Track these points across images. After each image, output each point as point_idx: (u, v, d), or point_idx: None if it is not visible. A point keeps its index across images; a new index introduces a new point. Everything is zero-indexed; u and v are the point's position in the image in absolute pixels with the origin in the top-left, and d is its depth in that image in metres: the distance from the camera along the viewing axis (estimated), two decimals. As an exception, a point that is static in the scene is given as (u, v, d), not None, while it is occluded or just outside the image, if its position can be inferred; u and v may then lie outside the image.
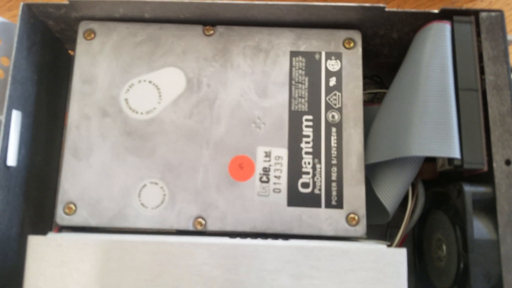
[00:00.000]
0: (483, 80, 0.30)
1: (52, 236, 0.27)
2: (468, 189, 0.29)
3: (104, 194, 0.31)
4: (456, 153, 0.29)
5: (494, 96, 0.30)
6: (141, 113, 0.32)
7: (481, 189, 0.29)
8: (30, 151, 0.34)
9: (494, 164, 0.29)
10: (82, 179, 0.31)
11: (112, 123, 0.32)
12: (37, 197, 0.36)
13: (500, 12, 0.31)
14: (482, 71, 0.31)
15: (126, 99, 0.33)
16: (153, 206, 0.31)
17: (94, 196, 0.31)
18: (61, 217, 0.30)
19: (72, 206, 0.31)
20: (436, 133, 0.29)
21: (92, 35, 0.34)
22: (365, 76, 0.40)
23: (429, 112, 0.30)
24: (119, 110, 0.32)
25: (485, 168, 0.29)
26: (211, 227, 0.31)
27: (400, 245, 0.33)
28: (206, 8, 0.33)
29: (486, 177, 0.30)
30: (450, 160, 0.30)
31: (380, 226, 0.37)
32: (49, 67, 0.37)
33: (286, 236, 0.31)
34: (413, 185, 0.33)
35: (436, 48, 0.31)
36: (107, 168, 0.31)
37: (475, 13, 0.32)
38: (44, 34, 0.36)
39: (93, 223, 0.30)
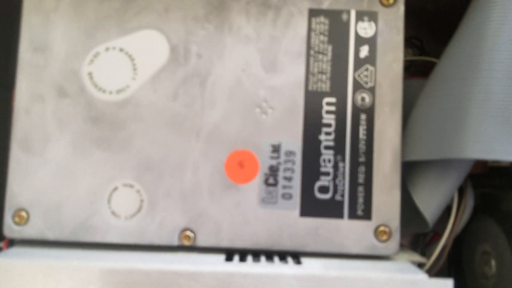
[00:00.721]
0: None
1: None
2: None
3: (64, 199, 0.24)
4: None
5: None
6: (110, 93, 0.25)
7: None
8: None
9: None
10: (35, 180, 0.24)
11: (73, 105, 0.25)
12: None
13: None
14: None
15: (89, 73, 0.25)
16: (128, 215, 0.25)
17: (51, 201, 0.24)
18: (9, 228, 0.24)
19: (23, 213, 0.24)
20: (501, 128, 0.22)
21: (44, -15, 0.26)
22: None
23: (493, 100, 0.22)
24: (81, 88, 0.25)
25: None
26: (202, 242, 0.25)
27: (441, 263, 0.27)
28: None
29: None
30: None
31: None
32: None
33: (297, 255, 0.25)
34: (460, 187, 0.27)
35: (509, 10, 0.23)
36: (68, 165, 0.25)
37: None
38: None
39: (50, 236, 0.24)
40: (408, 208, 0.27)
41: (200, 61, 0.25)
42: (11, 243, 0.25)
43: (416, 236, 0.32)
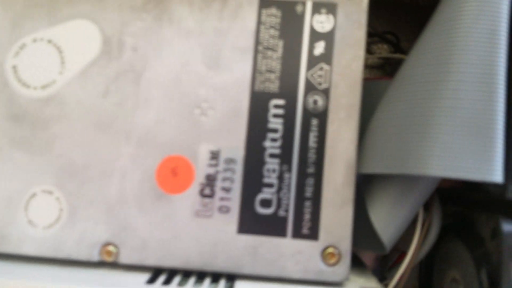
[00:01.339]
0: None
1: None
2: (510, 229, 0.20)
3: (-23, 204, 0.22)
4: (496, 176, 0.19)
5: None
6: (35, 88, 0.23)
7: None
8: None
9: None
10: None
11: (-8, 100, 0.23)
12: None
13: None
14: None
15: (14, 67, 0.23)
16: (45, 225, 0.22)
17: (-38, 206, 0.22)
18: None
19: None
20: (469, 142, 0.19)
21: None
22: (373, 33, 0.29)
23: (461, 107, 0.19)
24: (3, 83, 0.23)
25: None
26: (125, 259, 0.22)
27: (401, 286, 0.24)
28: None
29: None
30: (486, 184, 0.20)
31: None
32: None
33: (233, 277, 0.22)
34: (426, 203, 0.24)
35: (484, 4, 0.20)
36: (-18, 166, 0.23)
37: None
38: None
39: (-41, 245, 0.22)
40: (365, 226, 0.24)
41: (135, 55, 0.23)
42: None
43: (381, 256, 0.29)
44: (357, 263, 0.26)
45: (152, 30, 0.23)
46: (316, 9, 0.23)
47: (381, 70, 0.30)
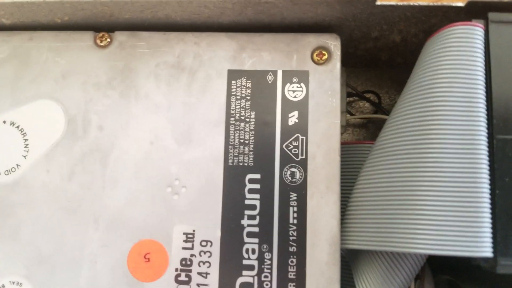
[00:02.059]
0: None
1: None
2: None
3: None
4: (485, 251, 0.18)
5: (556, 151, 0.19)
6: (0, 174, 0.22)
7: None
8: None
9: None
10: None
11: (-48, 190, 0.22)
12: None
13: None
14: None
15: (-26, 152, 0.23)
16: (12, 322, 0.21)
17: None
18: None
19: None
20: (455, 217, 0.18)
21: None
22: (353, 93, 0.29)
23: (444, 180, 0.19)
24: (-38, 171, 0.22)
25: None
26: None
27: None
28: (96, 6, 0.22)
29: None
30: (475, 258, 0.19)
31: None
32: None
33: None
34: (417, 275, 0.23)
35: (460, 66, 0.20)
36: None
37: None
38: None
39: None
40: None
41: (101, 134, 0.22)
42: None
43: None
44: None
45: (119, 107, 0.22)
46: (287, 78, 0.22)
47: (365, 129, 0.30)
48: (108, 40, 0.23)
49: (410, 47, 0.26)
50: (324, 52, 0.22)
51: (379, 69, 0.29)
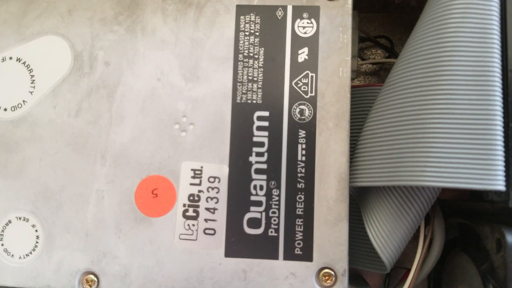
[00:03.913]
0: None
1: None
2: (518, 240, 0.19)
3: None
4: (498, 184, 0.18)
5: None
6: (5, 110, 0.23)
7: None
8: None
9: None
10: None
11: (-41, 125, 0.23)
12: None
13: None
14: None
15: (-20, 88, 0.23)
16: (22, 254, 0.22)
17: None
18: None
19: None
20: (467, 149, 0.18)
21: None
22: (366, 38, 0.29)
23: (456, 112, 0.19)
24: (-32, 106, 0.23)
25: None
26: (107, 287, 0.22)
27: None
28: None
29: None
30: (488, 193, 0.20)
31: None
32: None
33: (222, 304, 0.22)
34: (427, 216, 0.23)
35: (472, 1, 0.20)
36: (-50, 196, 0.22)
37: None
38: None
39: None
40: (364, 244, 0.23)
41: (108, 70, 0.23)
42: None
43: (386, 274, 0.28)
44: (361, 282, 0.26)
45: (125, 42, 0.23)
46: (297, 14, 0.22)
47: (376, 77, 0.30)
48: (114, -25, 0.23)
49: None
50: (336, -13, 0.22)
51: (393, 14, 0.29)
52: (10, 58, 0.23)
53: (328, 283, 0.21)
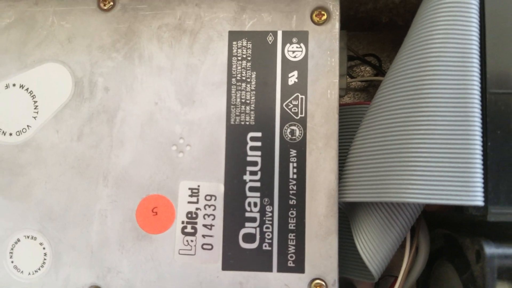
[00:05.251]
0: (527, 77, 0.21)
1: None
2: (492, 252, 0.21)
3: (-42, 257, 0.24)
4: (477, 200, 0.20)
5: (543, 104, 0.21)
6: (10, 134, 0.24)
7: (514, 253, 0.21)
8: None
9: (538, 217, 0.20)
10: None
11: (-33, 151, 0.24)
12: None
13: None
14: (526, 62, 0.21)
15: (-14, 114, 0.25)
16: (31, 271, 0.24)
17: None
18: None
19: None
20: (448, 167, 0.20)
21: None
22: (355, 56, 0.30)
23: (438, 132, 0.21)
24: (-25, 132, 0.25)
25: (523, 221, 0.20)
26: (111, 302, 0.23)
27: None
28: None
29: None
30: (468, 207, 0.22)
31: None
32: None
33: (221, 314, 0.24)
34: (413, 228, 0.25)
35: (455, 22, 0.21)
36: (-39, 218, 0.24)
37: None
38: None
39: None
40: (353, 254, 0.25)
41: (107, 95, 0.24)
42: None
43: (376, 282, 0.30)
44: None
45: (123, 69, 0.24)
46: (287, 39, 0.24)
47: (365, 93, 0.31)
48: (111, 3, 0.25)
49: (410, 8, 0.28)
50: (323, 12, 0.24)
51: (381, 32, 0.31)
52: (14, 85, 0.25)
53: (320, 293, 0.23)
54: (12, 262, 0.24)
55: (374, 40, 0.31)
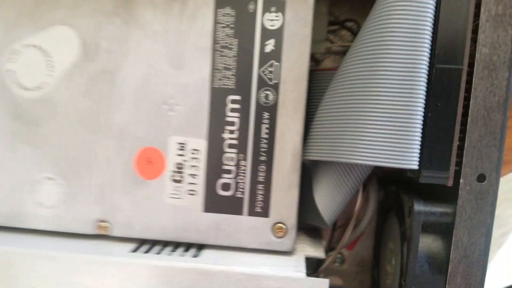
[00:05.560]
0: (472, 54, 0.22)
1: None
2: (420, 208, 0.24)
3: (-4, 188, 0.30)
4: (412, 163, 0.23)
5: (483, 80, 0.22)
6: (30, 89, 0.29)
7: (439, 210, 0.24)
8: None
9: (462, 180, 0.23)
10: (-29, 170, 0.30)
11: (-2, 103, 0.29)
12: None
13: None
14: (474, 40, 0.22)
15: (9, 71, 0.29)
16: (50, 205, 0.29)
17: (-14, 190, 0.30)
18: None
19: (-36, 200, 0.30)
20: (392, 134, 0.23)
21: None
22: (334, 22, 0.32)
23: (385, 103, 0.23)
24: (2, 86, 0.29)
25: (450, 183, 0.23)
26: (116, 232, 0.29)
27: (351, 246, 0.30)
28: None
29: (450, 193, 0.23)
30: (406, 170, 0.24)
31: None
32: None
33: (201, 246, 0.28)
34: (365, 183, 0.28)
35: (411, 5, 0.22)
36: (-3, 158, 0.29)
37: None
38: None
39: (-13, 220, 0.30)
40: (311, 204, 0.29)
41: (109, 57, 0.28)
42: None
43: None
44: (317, 235, 0.32)
45: (122, 32, 0.27)
46: (266, 7, 0.26)
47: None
48: (110, -28, 0.27)
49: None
50: (301, -18, 0.26)
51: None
52: (30, 45, 0.29)
53: (280, 234, 0.27)
54: (34, 198, 0.29)
55: (356, 5, 0.32)
